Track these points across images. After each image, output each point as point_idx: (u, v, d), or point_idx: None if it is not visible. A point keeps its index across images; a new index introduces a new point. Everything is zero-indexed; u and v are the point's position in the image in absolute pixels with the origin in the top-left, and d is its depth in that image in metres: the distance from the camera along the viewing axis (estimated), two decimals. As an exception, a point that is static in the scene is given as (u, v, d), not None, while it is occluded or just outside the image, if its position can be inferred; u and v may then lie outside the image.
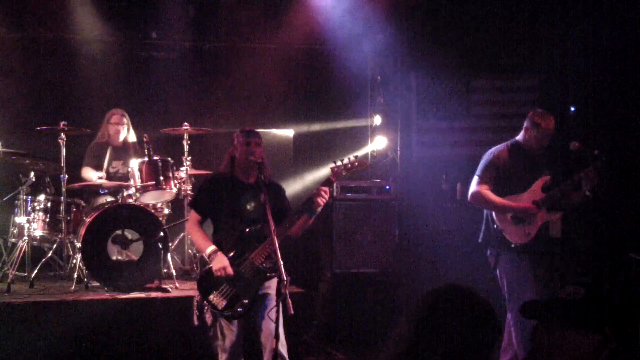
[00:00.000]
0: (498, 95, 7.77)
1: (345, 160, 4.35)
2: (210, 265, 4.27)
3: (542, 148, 5.02)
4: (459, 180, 6.96)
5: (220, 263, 4.21)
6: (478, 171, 5.02)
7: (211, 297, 4.23)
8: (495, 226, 4.93)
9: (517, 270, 4.89)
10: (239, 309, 4.22)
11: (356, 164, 4.37)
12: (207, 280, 4.27)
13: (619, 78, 7.30)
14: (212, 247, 4.29)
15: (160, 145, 6.63)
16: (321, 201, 4.25)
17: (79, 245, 5.88)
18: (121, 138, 6.68)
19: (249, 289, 4.24)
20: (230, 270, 4.20)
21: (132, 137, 6.75)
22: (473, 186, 5.00)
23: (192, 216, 4.49)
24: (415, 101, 7.76)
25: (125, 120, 6.69)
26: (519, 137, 5.09)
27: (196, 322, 4.32)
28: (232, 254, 4.28)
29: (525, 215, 4.89)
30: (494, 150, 5.06)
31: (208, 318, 4.26)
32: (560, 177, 5.00)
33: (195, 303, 4.35)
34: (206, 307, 4.25)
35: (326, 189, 4.30)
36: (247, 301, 4.23)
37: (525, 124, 5.04)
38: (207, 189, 4.51)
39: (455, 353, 1.91)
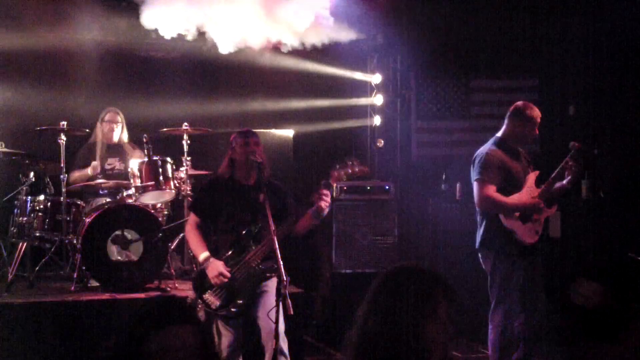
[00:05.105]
0: (498, 95, 7.77)
1: (346, 165, 4.33)
2: (204, 267, 4.28)
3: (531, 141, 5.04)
4: (458, 180, 6.95)
5: (215, 270, 4.22)
6: (478, 174, 4.85)
7: (205, 296, 4.24)
8: (504, 228, 4.81)
9: (510, 278, 4.84)
10: (233, 309, 4.23)
11: (356, 170, 4.35)
12: (203, 279, 4.28)
13: (619, 78, 7.30)
14: (205, 254, 4.29)
15: (160, 145, 6.63)
16: (324, 205, 4.25)
17: (78, 245, 5.88)
18: (115, 136, 6.69)
19: (244, 290, 4.25)
20: (226, 275, 4.21)
21: (126, 137, 6.76)
22: (479, 191, 4.83)
23: (191, 219, 4.50)
24: (415, 101, 7.76)
25: (119, 118, 6.71)
26: (503, 134, 4.98)
27: None
28: (228, 255, 4.29)
29: (533, 212, 4.85)
30: (487, 150, 4.91)
31: (201, 317, 4.27)
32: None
33: (188, 301, 4.36)
34: (200, 306, 4.26)
35: (327, 192, 4.29)
36: (242, 302, 4.24)
37: (513, 120, 4.94)
38: (206, 191, 4.51)
39: (398, 321, 1.95)
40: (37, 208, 6.07)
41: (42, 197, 6.11)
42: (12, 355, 5.09)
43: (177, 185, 6.30)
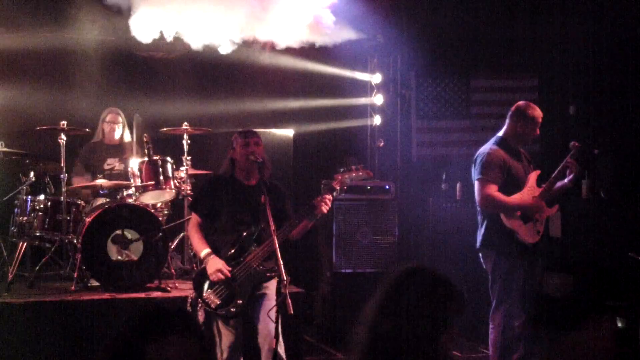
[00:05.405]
0: (498, 95, 7.76)
1: (350, 169, 4.34)
2: (204, 265, 4.29)
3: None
4: (458, 180, 6.95)
5: (215, 266, 4.22)
6: (479, 174, 4.84)
7: (205, 295, 4.24)
8: (505, 228, 4.80)
9: (511, 278, 4.83)
10: (232, 309, 4.23)
11: (360, 173, 4.36)
12: (203, 279, 4.28)
13: (619, 78, 7.29)
14: (206, 250, 4.30)
15: (160, 145, 6.63)
16: (325, 209, 4.27)
17: (79, 245, 5.88)
18: (116, 136, 6.71)
19: (244, 290, 4.25)
20: (225, 273, 4.21)
21: (128, 136, 6.77)
22: (481, 190, 4.82)
23: (192, 218, 4.51)
24: (415, 101, 7.76)
25: (120, 118, 6.73)
26: (504, 134, 4.98)
27: None
28: (229, 254, 4.29)
29: (534, 213, 4.84)
30: (488, 150, 4.90)
31: (200, 316, 4.28)
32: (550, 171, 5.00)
33: (189, 300, 4.36)
34: (200, 305, 4.26)
35: (330, 197, 4.30)
36: (241, 302, 4.24)
37: (515, 120, 4.94)
38: (207, 191, 4.51)
39: (414, 330, 1.94)
40: (37, 208, 6.07)
41: (42, 197, 6.12)
42: (12, 355, 5.09)
43: (177, 184, 6.30)
